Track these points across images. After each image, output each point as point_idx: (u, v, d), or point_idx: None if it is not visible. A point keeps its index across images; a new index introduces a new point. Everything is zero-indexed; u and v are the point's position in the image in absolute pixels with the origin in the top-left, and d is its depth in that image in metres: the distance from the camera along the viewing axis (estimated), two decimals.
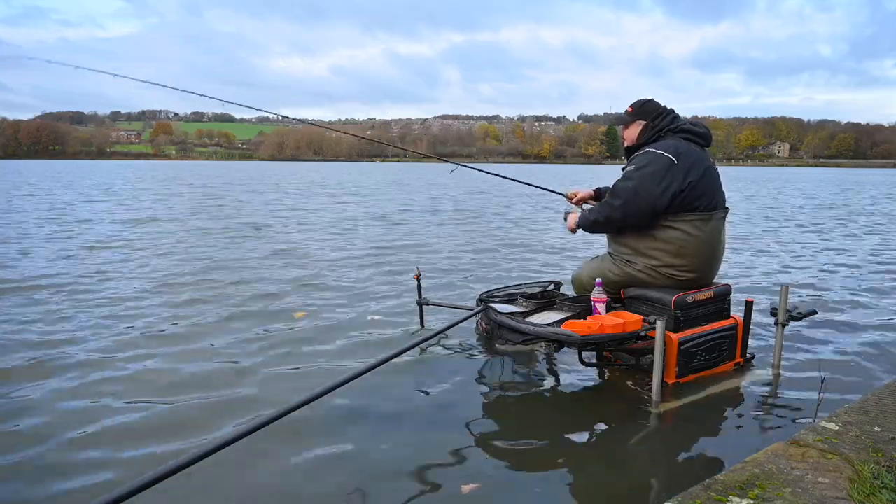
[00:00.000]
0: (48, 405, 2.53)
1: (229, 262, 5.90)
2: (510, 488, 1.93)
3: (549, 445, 2.22)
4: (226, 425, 2.33)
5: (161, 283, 4.90)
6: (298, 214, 11.20)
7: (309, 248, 6.89)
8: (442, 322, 3.56)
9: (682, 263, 2.73)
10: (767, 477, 1.50)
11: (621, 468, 2.06)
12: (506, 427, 2.39)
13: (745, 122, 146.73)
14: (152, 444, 2.19)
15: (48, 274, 5.16)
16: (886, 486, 1.45)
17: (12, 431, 2.30)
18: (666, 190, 2.62)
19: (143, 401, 2.58)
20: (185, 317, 3.88)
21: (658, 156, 2.67)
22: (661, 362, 2.52)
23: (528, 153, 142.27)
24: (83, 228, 8.60)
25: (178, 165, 69.99)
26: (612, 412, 2.54)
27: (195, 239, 7.55)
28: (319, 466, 2.06)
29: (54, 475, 2.00)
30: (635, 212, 2.71)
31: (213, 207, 12.46)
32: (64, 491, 1.91)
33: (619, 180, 2.81)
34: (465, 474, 2.00)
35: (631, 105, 2.91)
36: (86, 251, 6.48)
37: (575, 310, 2.83)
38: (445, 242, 7.57)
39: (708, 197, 2.70)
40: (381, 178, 26.99)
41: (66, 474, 2.00)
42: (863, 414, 1.90)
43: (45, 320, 3.75)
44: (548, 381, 2.87)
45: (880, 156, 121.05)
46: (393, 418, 2.44)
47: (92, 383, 2.76)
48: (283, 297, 4.47)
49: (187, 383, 2.78)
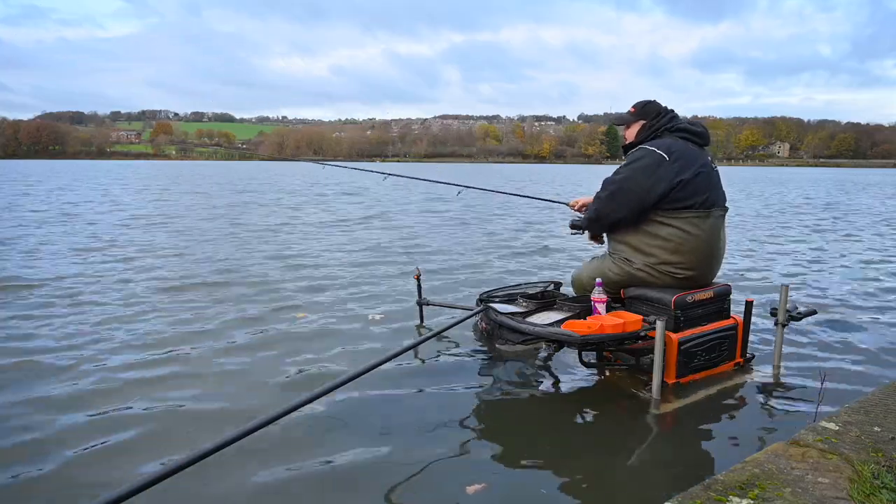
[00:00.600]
0: (61, 405, 2.53)
1: (229, 263, 5.90)
2: (509, 488, 1.93)
3: (548, 445, 2.22)
4: (227, 427, 2.33)
5: (161, 283, 4.90)
6: (298, 215, 11.19)
7: (308, 248, 6.89)
8: (442, 322, 3.56)
9: (679, 261, 2.73)
10: (767, 477, 1.50)
11: (621, 468, 2.06)
12: (505, 427, 2.39)
13: (744, 123, 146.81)
14: (146, 453, 2.19)
15: (65, 275, 5.16)
16: (886, 486, 1.45)
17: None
18: (654, 185, 2.64)
19: (147, 402, 2.58)
20: (184, 319, 3.88)
21: (649, 152, 2.70)
22: (661, 362, 2.52)
23: (528, 153, 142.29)
24: (90, 229, 8.60)
25: (179, 165, 69.97)
26: (612, 412, 2.54)
27: (196, 241, 7.55)
28: (319, 466, 2.05)
29: (59, 473, 2.00)
30: (621, 203, 2.73)
31: (214, 208, 12.46)
32: (72, 486, 1.91)
33: (610, 175, 2.84)
34: (466, 474, 2.00)
35: (634, 105, 2.96)
36: (93, 252, 6.49)
37: (575, 310, 2.83)
38: (445, 242, 7.57)
39: (703, 195, 2.70)
40: (382, 177, 26.94)
41: (73, 472, 2.01)
42: (863, 414, 1.90)
43: (62, 318, 3.75)
44: (548, 381, 2.88)
45: (880, 156, 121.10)
46: (392, 418, 2.43)
47: (88, 385, 2.76)
48: (284, 297, 4.47)
49: (188, 384, 2.78)
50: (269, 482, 1.95)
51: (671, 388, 2.64)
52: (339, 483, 1.95)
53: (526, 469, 2.05)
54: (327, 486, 1.94)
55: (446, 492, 1.91)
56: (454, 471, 2.04)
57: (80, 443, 2.21)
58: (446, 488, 1.93)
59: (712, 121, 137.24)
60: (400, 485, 1.94)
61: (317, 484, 1.95)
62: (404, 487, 1.93)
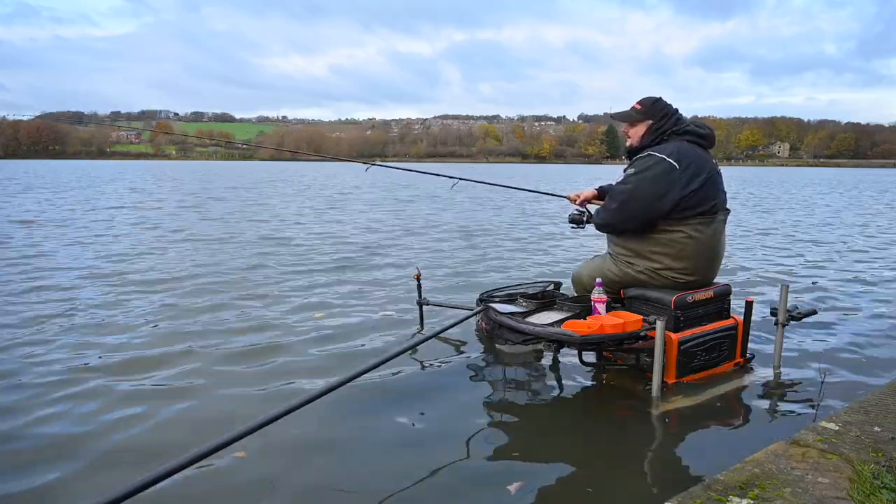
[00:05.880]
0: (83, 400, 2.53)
1: (231, 263, 5.90)
2: (506, 489, 1.93)
3: (548, 446, 2.22)
4: (226, 428, 2.32)
5: (163, 285, 4.90)
6: (298, 215, 11.19)
7: (308, 248, 6.89)
8: (442, 322, 3.56)
9: (682, 266, 2.72)
10: (767, 477, 1.50)
11: (621, 468, 2.06)
12: (505, 427, 2.38)
13: (745, 122, 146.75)
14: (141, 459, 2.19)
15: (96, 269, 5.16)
16: (886, 486, 1.45)
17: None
18: (664, 196, 2.59)
19: (153, 402, 2.58)
20: (181, 321, 3.88)
21: (659, 160, 2.62)
22: (661, 362, 2.52)
23: (528, 153, 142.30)
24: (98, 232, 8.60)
25: (180, 166, 69.95)
26: (612, 412, 2.54)
27: (199, 243, 7.55)
28: (318, 468, 2.05)
29: (64, 471, 2.00)
30: (631, 216, 2.69)
31: (215, 209, 12.46)
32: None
33: (617, 183, 2.80)
34: (464, 474, 2.00)
35: (640, 102, 2.81)
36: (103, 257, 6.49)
37: (575, 310, 2.83)
38: (445, 242, 7.57)
39: (710, 201, 2.67)
40: (382, 176, 26.97)
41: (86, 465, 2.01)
42: (863, 414, 1.90)
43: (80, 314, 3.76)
44: (548, 381, 2.87)
45: (880, 156, 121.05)
46: (391, 418, 2.43)
47: (106, 383, 2.77)
48: (285, 298, 4.47)
49: (190, 384, 2.78)
50: (271, 483, 1.94)
51: (671, 388, 2.64)
52: (334, 482, 1.95)
53: (523, 469, 2.04)
54: (323, 487, 1.94)
55: (439, 490, 1.91)
56: (449, 471, 2.03)
57: (101, 441, 2.21)
58: (439, 485, 1.93)
59: (713, 121, 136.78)
60: (396, 484, 1.93)
61: (312, 486, 1.95)
62: (399, 486, 1.92)
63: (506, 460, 2.10)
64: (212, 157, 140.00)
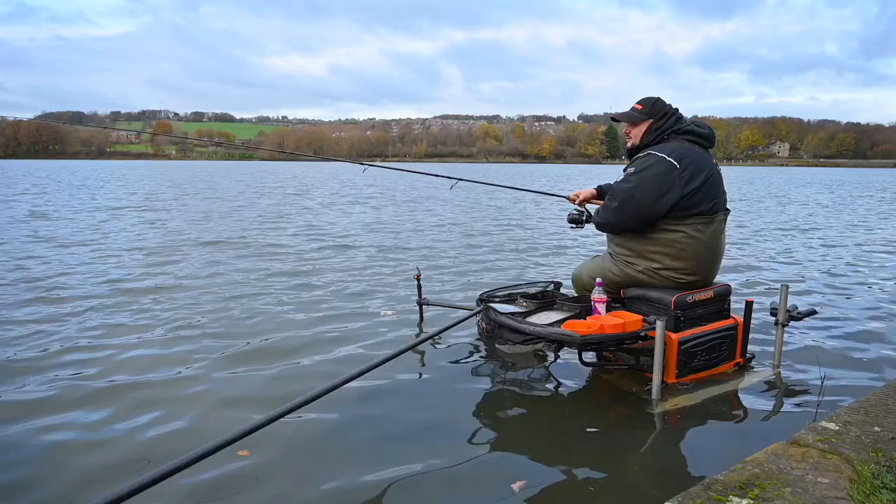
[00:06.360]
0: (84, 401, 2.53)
1: (231, 263, 5.90)
2: (509, 488, 1.93)
3: (548, 446, 2.22)
4: (228, 427, 2.33)
5: (162, 284, 4.90)
6: (298, 215, 11.19)
7: (308, 247, 6.89)
8: (442, 322, 3.56)
9: (682, 266, 2.72)
10: (767, 477, 1.50)
11: (621, 468, 2.06)
12: (505, 427, 2.39)
13: (745, 122, 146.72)
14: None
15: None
16: (886, 486, 1.45)
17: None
18: (665, 195, 2.59)
19: (160, 405, 2.58)
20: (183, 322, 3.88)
21: (659, 159, 2.63)
22: (661, 362, 2.52)
23: (528, 153, 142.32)
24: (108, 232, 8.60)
25: (180, 166, 69.93)
26: (612, 412, 2.54)
27: (198, 247, 7.55)
28: (319, 467, 2.06)
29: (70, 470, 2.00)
30: (631, 215, 2.69)
31: (215, 209, 12.46)
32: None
33: (617, 182, 2.80)
34: (466, 473, 2.00)
35: (640, 102, 2.83)
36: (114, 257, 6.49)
37: (575, 310, 2.83)
38: (445, 242, 7.57)
39: (711, 202, 2.67)
40: (381, 177, 27.01)
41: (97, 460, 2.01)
42: (863, 414, 1.90)
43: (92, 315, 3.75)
44: (548, 381, 2.87)
45: (880, 156, 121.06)
46: (389, 418, 2.43)
47: (112, 379, 2.77)
48: (285, 298, 4.47)
49: (190, 385, 2.78)
50: (274, 484, 1.95)
51: (671, 388, 2.64)
52: (334, 482, 1.95)
53: (523, 469, 2.04)
54: (323, 487, 1.94)
55: (435, 489, 1.91)
56: (451, 470, 2.03)
57: (100, 439, 2.21)
58: (436, 484, 1.93)
59: (713, 121, 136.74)
60: (395, 484, 1.94)
61: (310, 487, 1.95)
62: (398, 486, 1.92)
63: (507, 460, 2.11)
64: (212, 157, 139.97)
